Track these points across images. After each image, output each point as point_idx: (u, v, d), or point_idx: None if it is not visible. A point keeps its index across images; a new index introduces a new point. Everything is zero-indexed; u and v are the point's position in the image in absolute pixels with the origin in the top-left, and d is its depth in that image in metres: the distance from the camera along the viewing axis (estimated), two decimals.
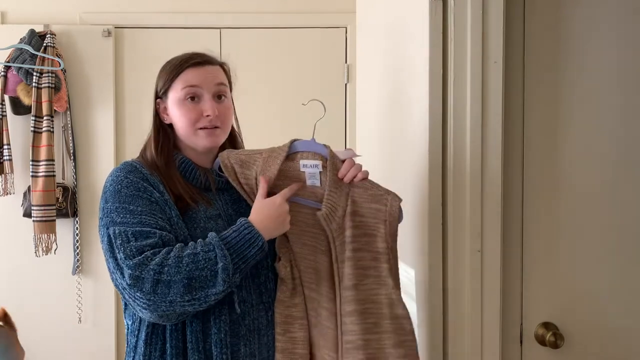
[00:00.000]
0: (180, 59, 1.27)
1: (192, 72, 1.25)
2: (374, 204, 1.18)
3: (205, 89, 1.24)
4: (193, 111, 1.23)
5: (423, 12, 1.35)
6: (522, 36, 1.37)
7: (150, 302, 1.06)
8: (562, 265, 1.39)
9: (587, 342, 1.40)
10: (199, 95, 1.24)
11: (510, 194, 1.37)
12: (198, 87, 1.24)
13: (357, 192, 1.18)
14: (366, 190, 1.19)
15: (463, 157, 1.31)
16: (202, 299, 1.07)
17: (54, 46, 2.60)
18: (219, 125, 1.25)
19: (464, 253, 1.31)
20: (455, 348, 1.33)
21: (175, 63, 1.27)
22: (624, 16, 1.39)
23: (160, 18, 2.78)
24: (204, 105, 1.24)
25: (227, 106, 1.28)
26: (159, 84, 1.29)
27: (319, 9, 2.77)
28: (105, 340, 2.73)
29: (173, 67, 1.26)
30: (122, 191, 1.17)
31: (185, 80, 1.24)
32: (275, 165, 1.19)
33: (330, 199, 1.16)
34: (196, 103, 1.24)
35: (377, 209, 1.17)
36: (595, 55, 1.39)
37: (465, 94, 1.30)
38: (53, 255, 2.59)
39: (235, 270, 1.08)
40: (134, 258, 1.07)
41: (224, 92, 1.27)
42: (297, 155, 1.21)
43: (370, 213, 1.18)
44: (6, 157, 2.59)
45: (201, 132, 1.24)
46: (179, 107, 1.24)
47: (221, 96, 1.27)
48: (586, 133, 1.39)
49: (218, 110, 1.24)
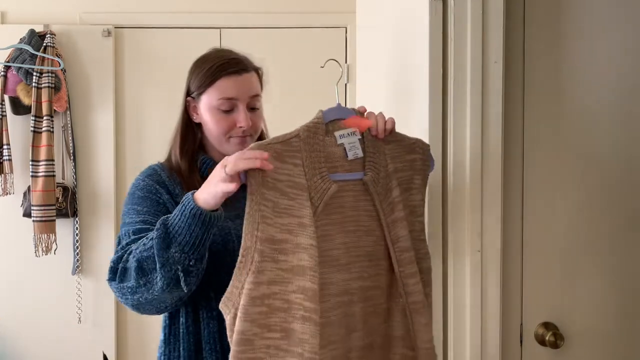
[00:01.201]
0: (216, 63, 1.25)
1: (229, 81, 1.23)
2: (409, 154, 1.16)
3: (240, 100, 1.24)
4: (226, 121, 1.24)
5: (423, 12, 1.34)
6: (522, 36, 1.37)
7: (119, 291, 1.09)
8: (562, 265, 1.39)
9: (587, 342, 1.40)
10: (234, 106, 1.24)
11: (511, 194, 1.37)
12: (233, 99, 1.23)
13: (392, 147, 1.15)
14: (399, 143, 1.16)
15: (463, 157, 1.31)
16: (153, 281, 1.03)
17: (53, 46, 2.60)
18: (250, 135, 1.26)
19: (464, 253, 1.31)
20: (455, 348, 1.33)
21: (212, 68, 1.25)
22: (624, 16, 1.39)
23: (160, 18, 2.78)
24: (237, 116, 1.23)
25: (259, 115, 1.29)
26: (193, 84, 1.28)
27: (319, 9, 2.77)
28: (105, 340, 2.73)
29: (209, 72, 1.24)
30: (136, 194, 1.21)
31: (221, 91, 1.23)
32: (321, 144, 1.07)
33: (371, 162, 1.12)
34: (230, 113, 1.24)
35: (412, 159, 1.16)
36: (595, 55, 1.39)
37: (465, 94, 1.30)
38: (53, 255, 2.59)
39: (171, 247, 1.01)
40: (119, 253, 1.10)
41: (257, 103, 1.28)
42: (328, 128, 1.11)
43: (407, 166, 1.16)
44: (6, 157, 2.59)
45: (233, 140, 1.25)
46: (212, 114, 1.24)
47: (254, 106, 1.27)
48: (586, 133, 1.39)
49: (252, 121, 1.25)
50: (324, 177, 1.05)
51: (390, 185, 1.12)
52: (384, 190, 1.11)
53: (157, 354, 1.25)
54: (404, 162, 1.16)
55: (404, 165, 1.15)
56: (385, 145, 1.14)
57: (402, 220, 1.12)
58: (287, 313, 1.00)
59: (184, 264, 1.02)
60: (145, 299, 1.08)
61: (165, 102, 2.78)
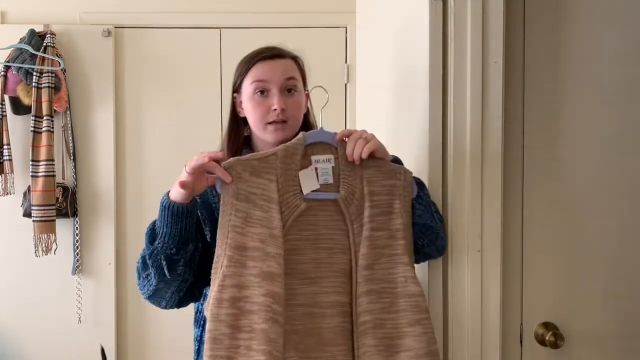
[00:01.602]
0: (251, 54, 1.29)
1: (261, 66, 1.26)
2: (388, 179, 1.17)
3: (273, 83, 1.24)
4: (261, 105, 1.24)
5: (423, 12, 1.34)
6: (522, 36, 1.37)
7: (139, 289, 1.21)
8: (562, 266, 1.39)
9: (587, 342, 1.40)
10: (267, 90, 1.24)
11: (511, 194, 1.37)
12: (266, 82, 1.24)
13: (370, 172, 1.17)
14: (379, 168, 1.17)
15: (463, 157, 1.31)
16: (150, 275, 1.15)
17: (54, 46, 2.60)
18: (287, 120, 1.24)
19: (464, 253, 1.31)
20: (455, 348, 1.33)
21: (247, 58, 1.29)
22: (624, 16, 1.39)
23: (160, 18, 2.78)
24: (271, 99, 1.24)
25: (296, 100, 1.27)
26: (234, 79, 1.32)
27: (319, 9, 2.77)
28: (105, 340, 2.72)
29: (244, 62, 1.29)
30: None
31: (254, 75, 1.25)
32: (296, 164, 1.14)
33: (346, 181, 1.15)
34: (265, 97, 1.24)
35: (392, 184, 1.17)
36: (595, 55, 1.39)
37: (465, 94, 1.30)
38: (53, 255, 2.59)
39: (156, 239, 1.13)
40: None
41: (293, 85, 1.26)
42: (306, 150, 1.16)
43: (385, 190, 1.17)
44: (6, 157, 2.59)
45: (270, 126, 1.24)
46: (249, 101, 1.26)
47: (291, 90, 1.26)
48: (586, 133, 1.39)
49: (286, 104, 1.23)
50: (296, 195, 1.13)
51: (363, 206, 1.15)
52: (356, 210, 1.15)
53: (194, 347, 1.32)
54: (383, 187, 1.17)
55: (383, 189, 1.17)
56: (363, 169, 1.16)
57: (366, 239, 1.14)
58: (257, 315, 1.05)
59: (166, 253, 1.11)
60: (150, 291, 1.18)
61: (165, 102, 2.78)
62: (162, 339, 2.81)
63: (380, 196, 1.17)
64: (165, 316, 2.85)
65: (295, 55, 1.32)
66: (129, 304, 2.78)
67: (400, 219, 1.16)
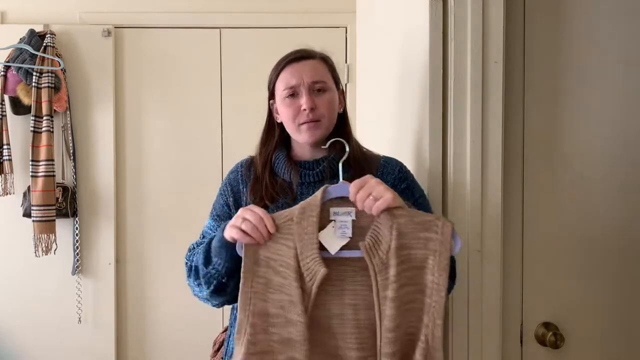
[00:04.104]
0: (281, 59, 1.31)
1: (290, 69, 1.27)
2: (423, 232, 1.07)
3: (301, 84, 1.25)
4: (292, 107, 1.26)
5: (423, 12, 1.35)
6: (522, 36, 1.37)
7: (191, 288, 1.24)
8: (562, 265, 1.39)
9: (587, 342, 1.40)
10: (297, 92, 1.26)
11: (511, 194, 1.37)
12: (295, 85, 1.26)
13: (402, 222, 1.07)
14: (412, 219, 1.07)
15: (463, 156, 1.31)
16: (202, 286, 1.19)
17: (53, 46, 2.60)
18: (319, 119, 1.25)
19: (464, 253, 1.31)
20: (455, 348, 1.33)
21: (277, 64, 1.31)
22: (623, 16, 1.39)
23: (160, 18, 2.78)
24: (301, 99, 1.25)
25: (327, 99, 1.27)
26: (268, 86, 1.33)
27: (319, 9, 2.77)
28: (105, 340, 2.73)
29: (275, 68, 1.31)
30: (220, 187, 1.35)
31: (284, 79, 1.27)
32: (313, 226, 1.08)
33: (374, 230, 1.09)
34: (295, 99, 1.26)
35: (427, 237, 1.07)
36: (595, 55, 1.39)
37: (465, 94, 1.30)
38: (53, 255, 2.59)
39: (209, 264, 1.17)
40: (190, 252, 1.28)
41: (322, 85, 1.27)
42: (326, 204, 1.12)
43: (419, 244, 1.07)
44: (6, 157, 2.58)
45: (302, 127, 1.26)
46: (282, 105, 1.28)
47: (321, 90, 1.27)
48: (586, 132, 1.39)
49: (316, 103, 1.24)
50: (315, 260, 1.08)
51: (389, 262, 1.07)
52: (381, 264, 1.07)
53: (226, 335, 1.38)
54: (417, 240, 1.07)
55: (416, 243, 1.07)
56: (395, 219, 1.07)
57: (392, 301, 1.07)
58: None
59: (219, 280, 1.16)
60: (201, 298, 1.23)
61: (165, 102, 2.78)
62: (162, 339, 2.81)
63: (412, 250, 1.07)
64: (165, 316, 2.86)
65: (324, 55, 1.33)
66: (129, 304, 2.78)
67: (431, 276, 1.06)
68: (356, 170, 1.24)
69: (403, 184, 1.27)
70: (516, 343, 1.39)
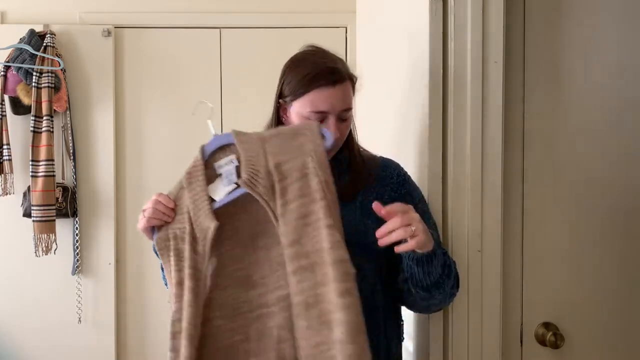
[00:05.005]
0: (311, 72, 1.20)
1: (322, 94, 1.18)
2: (294, 141, 1.07)
3: (331, 113, 1.19)
4: None
5: (423, 12, 1.34)
6: (522, 36, 1.37)
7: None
8: (562, 265, 1.39)
9: (587, 342, 1.40)
10: (324, 119, 1.20)
11: (511, 194, 1.37)
12: (324, 111, 1.19)
13: (273, 143, 1.08)
14: (279, 134, 1.10)
15: (463, 157, 1.31)
16: None
17: (53, 46, 2.60)
18: (337, 144, 1.22)
19: (464, 253, 1.31)
20: (455, 348, 1.33)
21: (306, 77, 1.20)
22: (623, 16, 1.39)
23: (160, 18, 2.78)
24: (326, 123, 1.19)
25: (348, 124, 1.24)
26: (285, 89, 1.24)
27: (319, 9, 2.77)
28: (105, 340, 2.73)
29: (303, 82, 1.20)
30: None
31: (314, 104, 1.19)
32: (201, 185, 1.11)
33: (248, 163, 1.07)
34: (319, 117, 1.20)
35: (299, 144, 1.07)
36: (595, 55, 1.39)
37: (466, 94, 1.30)
38: (53, 255, 2.59)
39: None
40: None
41: (348, 113, 1.22)
42: (209, 162, 1.13)
43: (293, 153, 1.06)
44: (6, 157, 2.58)
45: None
46: (301, 117, 1.21)
47: (346, 117, 1.22)
48: (587, 132, 1.39)
49: (340, 131, 1.21)
50: (207, 215, 1.09)
51: (274, 184, 1.06)
52: (266, 190, 1.05)
53: None
54: (290, 150, 1.07)
55: (291, 155, 1.06)
56: (264, 144, 1.09)
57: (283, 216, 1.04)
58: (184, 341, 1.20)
59: None
60: None
61: (165, 102, 2.78)
62: (162, 339, 2.81)
63: (289, 162, 1.06)
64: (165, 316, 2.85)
65: (351, 74, 1.25)
66: (129, 304, 2.78)
67: (316, 178, 1.03)
68: (355, 172, 1.24)
69: (403, 189, 1.25)
70: (516, 343, 1.39)
